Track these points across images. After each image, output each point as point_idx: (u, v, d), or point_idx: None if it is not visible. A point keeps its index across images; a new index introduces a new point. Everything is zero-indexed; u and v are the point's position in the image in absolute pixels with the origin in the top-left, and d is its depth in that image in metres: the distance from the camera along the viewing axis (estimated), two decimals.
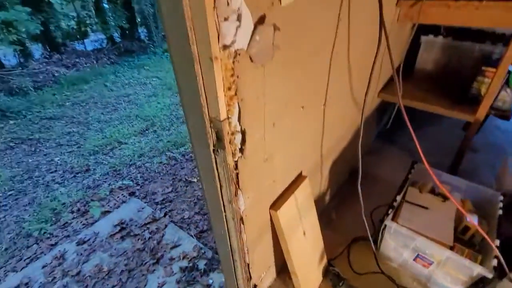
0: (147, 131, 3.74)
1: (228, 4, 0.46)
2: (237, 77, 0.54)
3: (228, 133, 0.59)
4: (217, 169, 0.67)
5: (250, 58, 0.55)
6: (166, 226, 1.99)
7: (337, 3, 0.81)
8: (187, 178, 2.49)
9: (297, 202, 0.98)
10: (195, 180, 2.41)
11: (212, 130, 0.60)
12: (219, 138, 0.60)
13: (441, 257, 1.01)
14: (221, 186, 0.70)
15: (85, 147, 3.45)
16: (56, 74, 5.73)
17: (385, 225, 1.11)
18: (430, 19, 1.30)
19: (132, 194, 2.36)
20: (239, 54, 0.52)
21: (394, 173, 1.75)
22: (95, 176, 2.78)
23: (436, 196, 1.28)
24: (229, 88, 0.54)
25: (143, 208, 2.17)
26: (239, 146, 0.63)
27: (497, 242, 0.97)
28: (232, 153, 0.63)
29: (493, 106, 1.43)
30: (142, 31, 9.02)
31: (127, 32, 8.01)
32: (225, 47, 0.49)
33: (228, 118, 0.57)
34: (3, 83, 4.99)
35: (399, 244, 1.13)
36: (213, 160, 0.65)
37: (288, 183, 0.97)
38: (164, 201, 2.29)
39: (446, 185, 1.32)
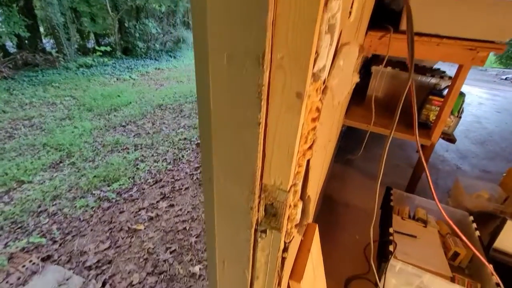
0: (61, 164, 2.96)
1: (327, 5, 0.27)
2: (319, 122, 0.34)
3: (289, 206, 0.38)
4: (253, 257, 0.44)
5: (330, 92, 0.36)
6: None
7: None
8: (130, 225, 1.95)
9: (312, 258, 0.80)
10: (142, 227, 1.91)
11: (262, 202, 0.38)
12: (274, 214, 0.38)
13: None
14: (255, 277, 0.46)
15: None
16: None
17: (389, 264, 1.03)
18: (393, 52, 1.36)
19: (47, 258, 1.68)
20: (326, 85, 0.33)
21: (363, 198, 1.77)
22: None
23: (417, 221, 1.30)
24: (306, 140, 0.34)
25: (68, 279, 1.52)
26: (298, 221, 0.41)
27: (491, 267, 0.99)
28: (287, 232, 0.41)
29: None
30: (48, 42, 7.63)
31: (26, 42, 6.60)
32: (315, 76, 0.30)
33: (294, 185, 0.36)
34: None
35: (401, 281, 1.06)
36: (251, 245, 0.42)
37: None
38: (99, 264, 1.66)
39: (422, 209, 1.36)
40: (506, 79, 6.96)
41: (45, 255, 1.69)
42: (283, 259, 0.45)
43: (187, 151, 3.16)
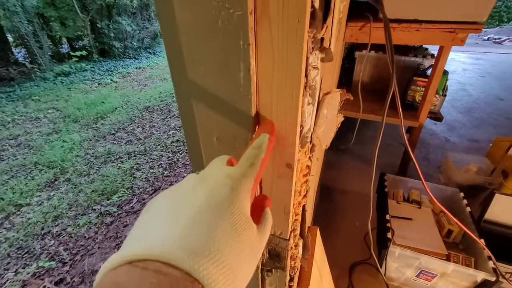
0: (56, 182, 2.93)
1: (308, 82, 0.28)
2: (310, 174, 0.36)
3: (291, 248, 0.40)
4: None
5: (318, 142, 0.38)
6: None
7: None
8: None
9: (317, 263, 0.84)
10: None
11: (265, 247, 0.40)
12: (277, 255, 0.40)
13: (445, 270, 1.04)
14: None
15: None
16: None
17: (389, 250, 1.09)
18: (375, 39, 1.37)
19: (60, 281, 1.71)
20: (313, 144, 0.34)
21: (359, 182, 1.82)
22: None
23: (411, 204, 1.36)
24: (299, 193, 0.36)
25: None
26: (300, 255, 0.44)
27: (483, 241, 1.05)
28: (291, 267, 0.44)
29: None
30: (19, 53, 7.30)
31: None
32: (302, 141, 0.31)
33: (293, 230, 0.38)
34: None
35: (402, 264, 1.12)
36: (260, 281, 0.45)
37: None
38: None
39: (416, 190, 1.41)
40: (488, 39, 7.01)
41: (58, 279, 1.72)
42: (290, 287, 0.48)
43: (181, 153, 3.16)
